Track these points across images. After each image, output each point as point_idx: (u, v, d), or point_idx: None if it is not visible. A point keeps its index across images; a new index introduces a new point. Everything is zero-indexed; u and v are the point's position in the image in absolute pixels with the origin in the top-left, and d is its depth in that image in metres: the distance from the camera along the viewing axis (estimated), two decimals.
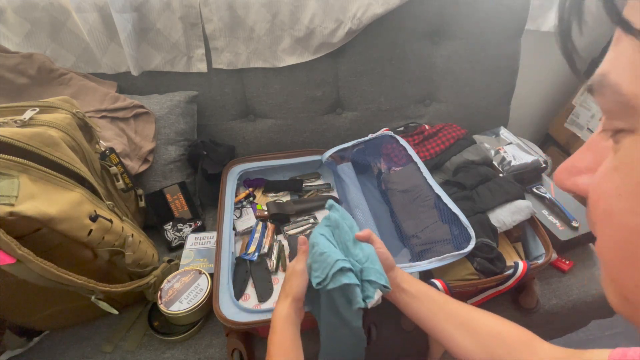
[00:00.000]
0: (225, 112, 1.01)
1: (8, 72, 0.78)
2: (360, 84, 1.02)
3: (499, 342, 0.44)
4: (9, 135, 0.50)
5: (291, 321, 0.52)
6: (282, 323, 0.51)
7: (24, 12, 0.81)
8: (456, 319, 0.48)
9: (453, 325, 0.48)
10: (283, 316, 0.52)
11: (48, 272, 0.49)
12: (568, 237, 0.80)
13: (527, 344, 0.43)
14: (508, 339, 0.44)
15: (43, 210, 0.48)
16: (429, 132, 0.97)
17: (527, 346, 0.43)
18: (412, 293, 0.53)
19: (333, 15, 0.91)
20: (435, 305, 0.51)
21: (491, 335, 0.45)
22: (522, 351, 0.42)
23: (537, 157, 0.93)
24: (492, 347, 0.44)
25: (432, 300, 0.52)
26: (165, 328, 0.70)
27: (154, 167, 0.88)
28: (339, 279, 0.51)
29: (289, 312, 0.52)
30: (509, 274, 0.67)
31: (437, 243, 0.72)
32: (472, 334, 0.46)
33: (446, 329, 0.48)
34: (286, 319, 0.51)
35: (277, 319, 0.52)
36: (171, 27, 0.89)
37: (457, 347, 0.47)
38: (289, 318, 0.51)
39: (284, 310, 0.52)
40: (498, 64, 1.04)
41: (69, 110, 0.62)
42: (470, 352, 0.45)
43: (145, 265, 0.72)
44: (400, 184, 0.85)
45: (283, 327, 0.51)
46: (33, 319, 0.65)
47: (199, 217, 0.91)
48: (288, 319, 0.51)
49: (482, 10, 0.96)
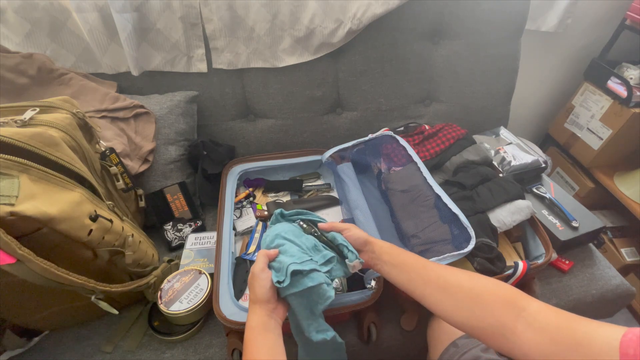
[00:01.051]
0: (225, 112, 1.01)
1: (8, 72, 0.78)
2: (360, 84, 1.02)
3: (479, 302, 0.43)
4: (9, 135, 0.50)
5: (266, 328, 0.48)
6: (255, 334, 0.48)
7: (24, 12, 0.81)
8: (435, 283, 0.48)
9: (433, 289, 0.48)
10: (253, 326, 0.48)
11: (48, 272, 0.49)
12: (568, 237, 0.81)
13: (510, 303, 0.41)
14: (488, 299, 0.43)
15: (43, 210, 0.48)
16: (429, 132, 0.97)
17: (511, 306, 0.41)
18: (392, 263, 0.54)
19: (333, 15, 0.91)
20: (414, 271, 0.51)
21: (470, 297, 0.44)
22: (504, 311, 0.41)
23: (537, 157, 0.93)
24: (471, 308, 0.44)
25: (411, 267, 0.52)
26: (165, 328, 0.70)
27: (154, 167, 0.88)
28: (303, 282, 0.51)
29: (260, 320, 0.49)
30: (509, 274, 0.67)
31: (437, 243, 0.72)
32: (451, 295, 0.46)
33: (427, 294, 0.49)
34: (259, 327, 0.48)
35: (249, 332, 0.48)
36: (171, 27, 0.89)
37: (439, 310, 0.47)
38: (262, 326, 0.48)
39: (254, 320, 0.49)
40: (498, 64, 1.04)
41: (69, 110, 0.62)
42: (451, 314, 0.46)
43: (145, 265, 0.72)
44: (400, 184, 0.85)
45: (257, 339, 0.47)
46: (33, 319, 0.65)
47: (199, 217, 0.91)
48: (260, 327, 0.48)
49: (482, 10, 0.96)
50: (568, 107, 1.37)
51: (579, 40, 1.29)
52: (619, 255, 1.29)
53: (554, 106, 1.48)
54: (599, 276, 0.83)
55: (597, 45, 1.28)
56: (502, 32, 1.00)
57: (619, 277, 0.83)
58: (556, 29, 1.16)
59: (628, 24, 1.17)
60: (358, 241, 0.58)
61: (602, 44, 1.26)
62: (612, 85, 1.21)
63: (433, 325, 0.69)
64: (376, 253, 0.56)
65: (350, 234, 0.59)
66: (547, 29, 1.18)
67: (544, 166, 0.94)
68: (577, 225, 0.82)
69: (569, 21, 1.15)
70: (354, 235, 0.59)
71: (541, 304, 0.40)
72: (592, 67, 1.28)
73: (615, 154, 1.30)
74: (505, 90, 1.09)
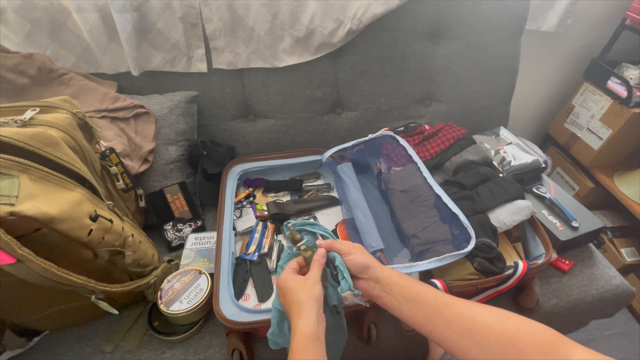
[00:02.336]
0: (225, 112, 1.01)
1: (8, 72, 0.78)
2: (360, 84, 1.02)
3: (512, 350, 0.37)
4: (9, 135, 0.50)
5: (318, 337, 0.43)
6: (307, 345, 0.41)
7: (24, 12, 0.81)
8: (459, 324, 0.41)
9: (456, 331, 0.41)
10: (308, 334, 0.42)
11: (48, 272, 0.49)
12: (568, 237, 0.81)
13: (549, 349, 0.36)
14: (522, 345, 0.37)
15: (43, 210, 0.48)
16: (429, 132, 0.97)
17: (551, 353, 0.36)
18: (405, 296, 0.46)
19: (333, 15, 0.91)
20: (432, 309, 0.44)
21: (501, 343, 0.38)
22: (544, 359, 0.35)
23: (537, 157, 0.93)
24: (503, 356, 0.38)
25: (428, 303, 0.44)
26: (165, 328, 0.70)
27: (154, 167, 0.88)
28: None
29: (312, 326, 0.43)
30: (509, 274, 0.67)
31: (437, 243, 0.72)
32: (479, 341, 0.39)
33: (448, 336, 0.42)
34: (312, 336, 0.42)
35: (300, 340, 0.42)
36: (171, 27, 0.89)
37: (463, 356, 0.41)
38: (314, 334, 0.42)
39: (307, 326, 0.42)
40: (498, 64, 1.04)
41: (69, 110, 0.62)
42: None
43: (146, 265, 0.72)
44: (400, 184, 0.85)
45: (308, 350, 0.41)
46: (33, 319, 0.65)
47: (199, 217, 0.91)
48: (314, 336, 0.42)
49: (482, 10, 0.96)
50: (568, 107, 1.37)
51: (579, 40, 1.29)
52: (619, 255, 1.29)
53: (554, 106, 1.48)
54: (599, 276, 0.83)
55: (597, 45, 1.28)
56: (502, 32, 1.00)
57: (619, 277, 0.83)
58: (556, 29, 1.16)
59: (628, 24, 1.17)
60: (358, 267, 0.49)
61: (602, 44, 1.26)
62: (612, 85, 1.21)
63: None
64: (382, 283, 0.48)
65: (350, 258, 0.50)
66: (547, 29, 1.18)
67: (544, 166, 0.94)
68: (577, 225, 0.82)
69: (569, 21, 1.15)
70: (354, 260, 0.50)
71: (586, 351, 0.35)
72: (592, 67, 1.28)
73: (615, 154, 1.30)
74: (505, 90, 1.09)
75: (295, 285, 0.47)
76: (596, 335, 1.25)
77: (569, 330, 0.92)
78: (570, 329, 0.92)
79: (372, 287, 0.48)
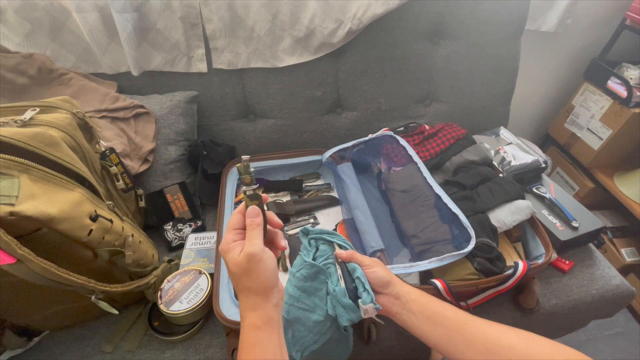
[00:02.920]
0: (225, 112, 1.01)
1: (8, 72, 0.78)
2: (360, 84, 1.02)
3: None
4: (9, 135, 0.50)
5: (272, 325, 0.39)
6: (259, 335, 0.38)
7: (24, 12, 0.81)
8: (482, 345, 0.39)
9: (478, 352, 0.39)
10: (259, 325, 0.38)
11: (48, 272, 0.49)
12: (568, 237, 0.81)
13: None
14: None
15: (43, 210, 0.48)
16: (429, 132, 0.97)
17: None
18: (425, 314, 0.44)
19: (333, 15, 0.91)
20: (454, 328, 0.42)
21: None
22: None
23: (537, 157, 0.93)
24: None
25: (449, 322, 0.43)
26: (165, 328, 0.70)
27: (154, 167, 0.88)
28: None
29: (266, 315, 0.39)
30: (509, 274, 0.67)
31: (437, 243, 0.72)
32: None
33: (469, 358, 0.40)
34: (265, 325, 0.39)
35: (249, 332, 0.38)
36: (171, 27, 0.89)
37: None
38: (268, 323, 0.39)
39: (257, 316, 0.39)
40: (498, 64, 1.04)
41: (69, 110, 0.62)
42: None
43: (146, 265, 0.72)
44: (400, 184, 0.85)
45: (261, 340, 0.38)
46: (33, 319, 0.65)
47: (199, 217, 0.91)
48: (267, 325, 0.39)
49: (482, 10, 0.96)
50: (568, 107, 1.37)
51: (579, 40, 1.29)
52: (619, 255, 1.29)
53: (554, 106, 1.48)
54: (599, 276, 0.83)
55: (597, 45, 1.28)
56: (502, 32, 1.00)
57: (619, 277, 0.83)
58: (556, 29, 1.16)
59: (628, 24, 1.17)
60: (379, 281, 0.48)
61: (602, 44, 1.26)
62: (612, 85, 1.21)
63: None
64: (401, 299, 0.46)
65: (372, 271, 0.48)
66: (547, 29, 1.18)
67: (544, 166, 0.94)
68: (577, 225, 0.82)
69: (569, 21, 1.15)
70: (376, 274, 0.48)
71: None
72: (592, 67, 1.28)
73: (615, 154, 1.30)
74: (505, 90, 1.09)
75: (237, 271, 0.39)
76: (596, 335, 1.25)
77: (569, 330, 0.92)
78: (570, 329, 0.92)
79: (392, 304, 0.47)
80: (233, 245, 0.40)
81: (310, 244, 0.55)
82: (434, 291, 0.65)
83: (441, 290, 0.65)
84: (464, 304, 0.69)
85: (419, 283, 0.72)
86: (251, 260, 0.38)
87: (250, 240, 0.39)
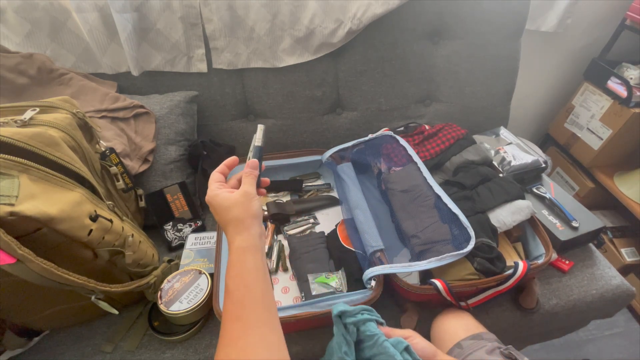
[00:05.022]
0: (225, 112, 1.01)
1: (8, 72, 0.78)
2: (360, 84, 1.02)
3: None
4: (9, 135, 0.50)
5: (257, 249, 0.44)
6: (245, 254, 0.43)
7: (24, 12, 0.81)
8: None
9: None
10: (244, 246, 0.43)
11: (48, 272, 0.49)
12: (568, 237, 0.81)
13: None
14: None
15: (43, 210, 0.48)
16: (429, 132, 0.97)
17: None
18: None
19: (333, 15, 0.91)
20: None
21: None
22: None
23: (537, 157, 0.93)
24: None
25: None
26: (165, 328, 0.70)
27: (154, 167, 0.88)
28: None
29: (252, 240, 0.44)
30: (509, 274, 0.67)
31: (437, 243, 0.72)
32: None
33: None
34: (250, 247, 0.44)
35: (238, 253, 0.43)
36: (171, 27, 0.89)
37: None
38: (253, 246, 0.44)
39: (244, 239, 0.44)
40: (498, 64, 1.04)
41: (69, 110, 0.62)
42: None
43: (146, 265, 0.72)
44: (400, 184, 0.85)
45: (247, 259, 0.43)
46: (33, 319, 0.65)
47: (199, 217, 0.91)
48: (252, 247, 0.44)
49: (482, 10, 0.96)
50: (568, 107, 1.37)
51: (579, 40, 1.29)
52: (619, 255, 1.29)
53: (554, 106, 1.48)
54: (599, 276, 0.83)
55: (597, 45, 1.28)
56: (502, 32, 1.00)
57: (619, 277, 0.83)
58: (556, 29, 1.16)
59: (628, 24, 1.17)
60: (425, 351, 0.48)
61: (602, 44, 1.26)
62: (612, 85, 1.21)
63: (436, 325, 0.69)
64: None
65: (416, 341, 0.49)
66: (547, 29, 1.18)
67: (544, 166, 0.94)
68: (577, 225, 0.82)
69: (569, 21, 1.15)
70: (420, 345, 0.48)
71: None
72: (592, 67, 1.28)
73: (615, 154, 1.30)
74: (505, 90, 1.09)
75: (230, 204, 0.46)
76: (596, 335, 1.25)
77: (569, 330, 0.92)
78: (570, 329, 0.92)
79: None
80: (220, 191, 0.47)
81: (349, 329, 0.49)
82: (434, 291, 0.65)
83: (441, 290, 0.65)
84: (464, 304, 0.69)
85: (419, 283, 0.72)
86: (246, 196, 0.46)
87: (247, 184, 0.48)
